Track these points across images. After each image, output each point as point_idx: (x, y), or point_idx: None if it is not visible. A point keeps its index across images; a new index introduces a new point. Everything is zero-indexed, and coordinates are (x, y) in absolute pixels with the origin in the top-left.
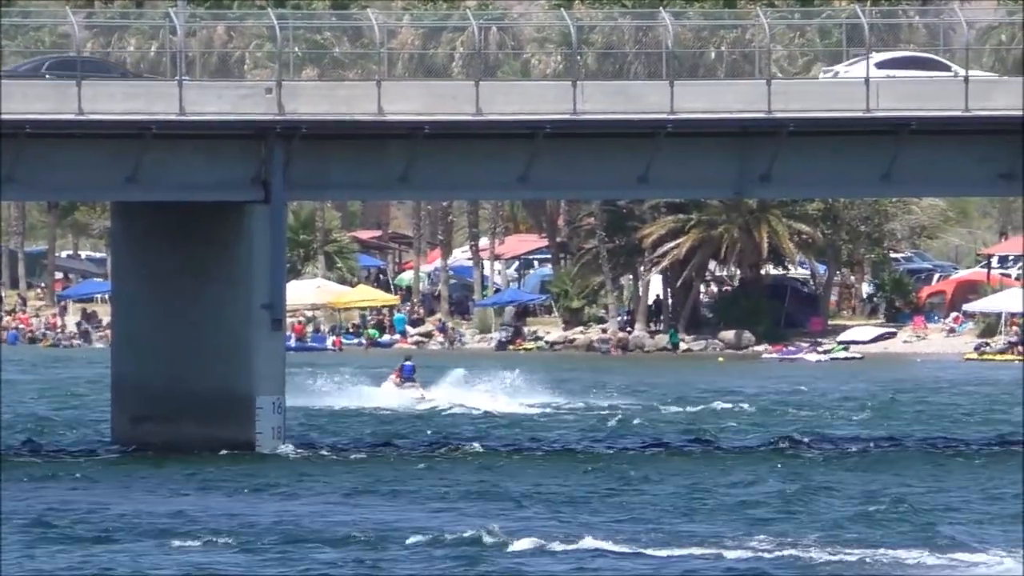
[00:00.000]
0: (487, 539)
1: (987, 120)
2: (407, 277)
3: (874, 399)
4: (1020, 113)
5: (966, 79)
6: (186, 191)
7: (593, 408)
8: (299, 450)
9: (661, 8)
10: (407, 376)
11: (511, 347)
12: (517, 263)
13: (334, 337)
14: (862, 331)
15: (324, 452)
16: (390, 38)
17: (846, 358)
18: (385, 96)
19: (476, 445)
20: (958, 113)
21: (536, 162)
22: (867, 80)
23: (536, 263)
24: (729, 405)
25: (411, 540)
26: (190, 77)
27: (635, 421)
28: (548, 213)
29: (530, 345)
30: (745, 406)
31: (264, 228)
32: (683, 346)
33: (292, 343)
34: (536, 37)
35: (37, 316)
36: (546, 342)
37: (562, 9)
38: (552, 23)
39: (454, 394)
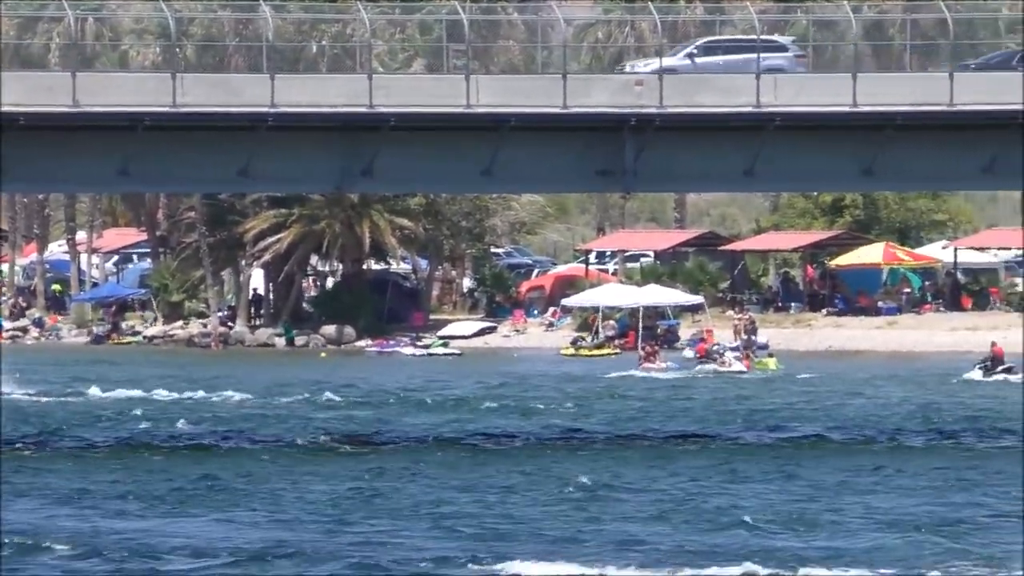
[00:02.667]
0: None
1: (585, 117)
2: (2, 270)
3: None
4: (616, 110)
5: (564, 75)
6: None
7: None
8: None
9: (261, 1)
10: None
11: (109, 341)
12: (116, 257)
13: None
14: (463, 326)
15: None
16: None
17: (445, 353)
18: None
19: None
20: (557, 110)
21: (135, 155)
22: (467, 76)
23: (135, 257)
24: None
25: None
26: None
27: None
28: (148, 207)
29: (128, 339)
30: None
31: None
32: (284, 341)
33: None
34: (135, 28)
35: None
36: (144, 336)
37: (161, 1)
38: (151, 14)
39: None
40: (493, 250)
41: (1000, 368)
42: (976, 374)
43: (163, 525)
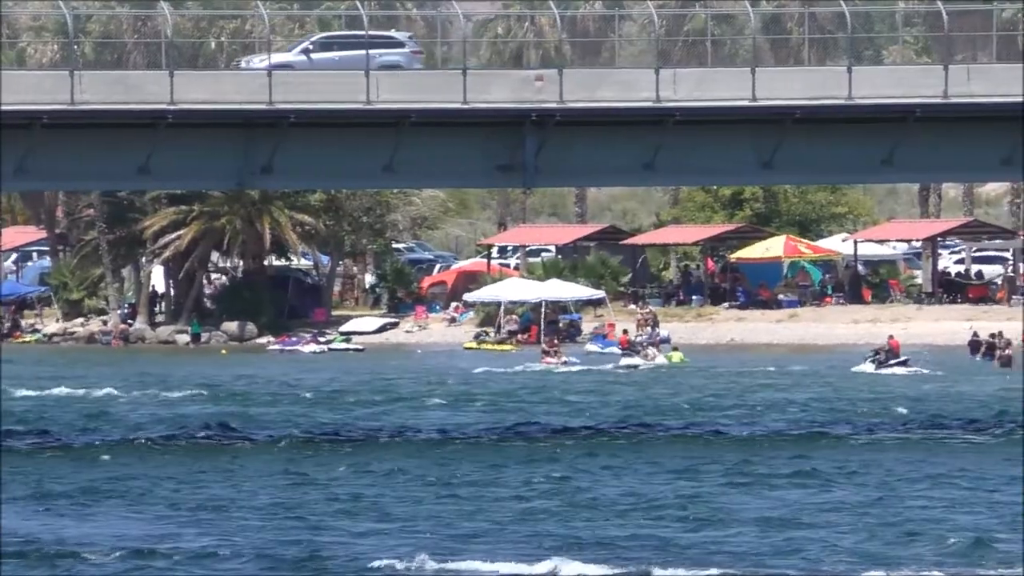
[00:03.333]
0: None
1: (485, 112)
2: None
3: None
4: (516, 105)
5: (464, 71)
6: None
7: None
8: None
9: None
10: None
11: (11, 340)
12: (15, 255)
13: None
14: (365, 321)
15: None
16: None
17: (347, 349)
18: None
19: None
20: (457, 105)
21: (34, 153)
22: (367, 72)
23: (35, 255)
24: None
25: None
26: None
27: None
28: (47, 205)
29: (29, 338)
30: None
31: None
32: (187, 338)
33: None
34: (32, 26)
35: None
36: (44, 335)
37: None
38: (49, 12)
39: None
40: (394, 245)
41: (894, 361)
42: (868, 367)
43: (68, 522)
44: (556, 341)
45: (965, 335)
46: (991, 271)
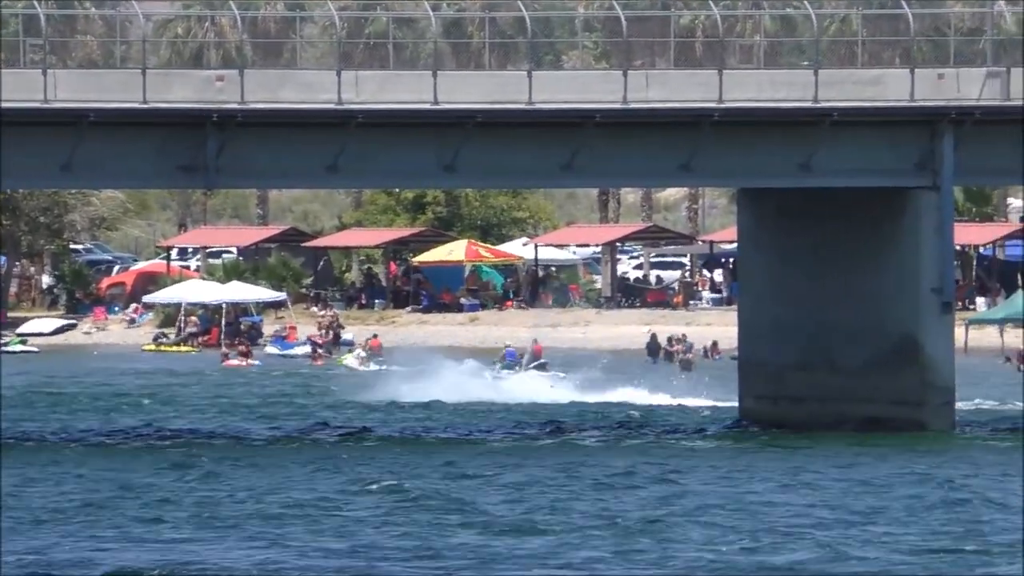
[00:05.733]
0: None
1: (166, 112)
2: None
3: None
4: (197, 105)
5: (143, 70)
6: None
7: None
8: None
9: None
10: None
11: None
12: None
13: None
14: (42, 323)
15: None
16: None
17: (23, 351)
18: None
19: None
20: (136, 105)
21: None
22: (44, 71)
23: None
24: None
25: None
26: None
27: None
28: None
29: None
30: None
31: None
32: None
33: None
34: None
35: None
36: None
37: None
38: None
39: None
40: (73, 246)
41: (533, 364)
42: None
43: None
44: (245, 343)
45: (644, 339)
46: (669, 276)
